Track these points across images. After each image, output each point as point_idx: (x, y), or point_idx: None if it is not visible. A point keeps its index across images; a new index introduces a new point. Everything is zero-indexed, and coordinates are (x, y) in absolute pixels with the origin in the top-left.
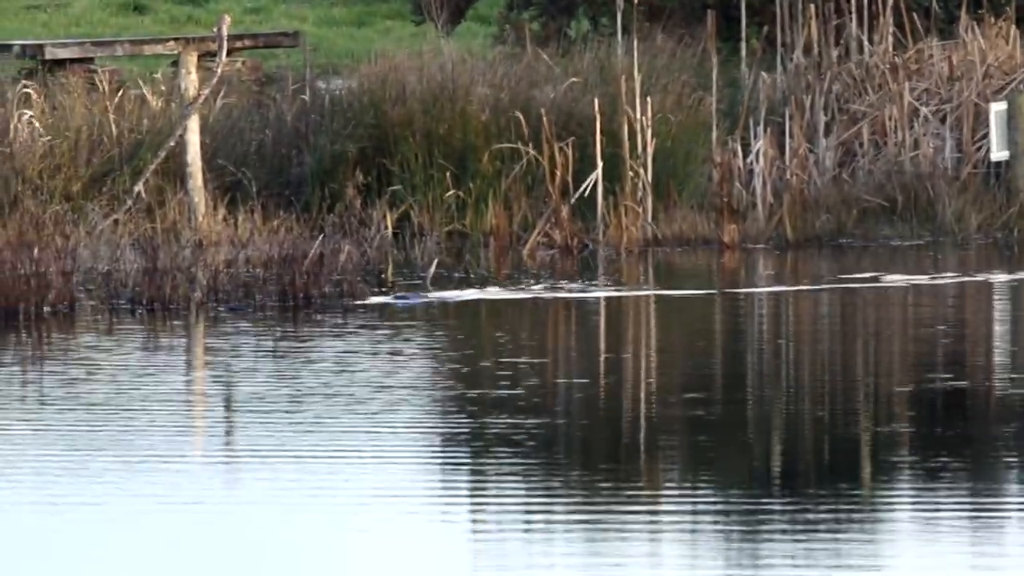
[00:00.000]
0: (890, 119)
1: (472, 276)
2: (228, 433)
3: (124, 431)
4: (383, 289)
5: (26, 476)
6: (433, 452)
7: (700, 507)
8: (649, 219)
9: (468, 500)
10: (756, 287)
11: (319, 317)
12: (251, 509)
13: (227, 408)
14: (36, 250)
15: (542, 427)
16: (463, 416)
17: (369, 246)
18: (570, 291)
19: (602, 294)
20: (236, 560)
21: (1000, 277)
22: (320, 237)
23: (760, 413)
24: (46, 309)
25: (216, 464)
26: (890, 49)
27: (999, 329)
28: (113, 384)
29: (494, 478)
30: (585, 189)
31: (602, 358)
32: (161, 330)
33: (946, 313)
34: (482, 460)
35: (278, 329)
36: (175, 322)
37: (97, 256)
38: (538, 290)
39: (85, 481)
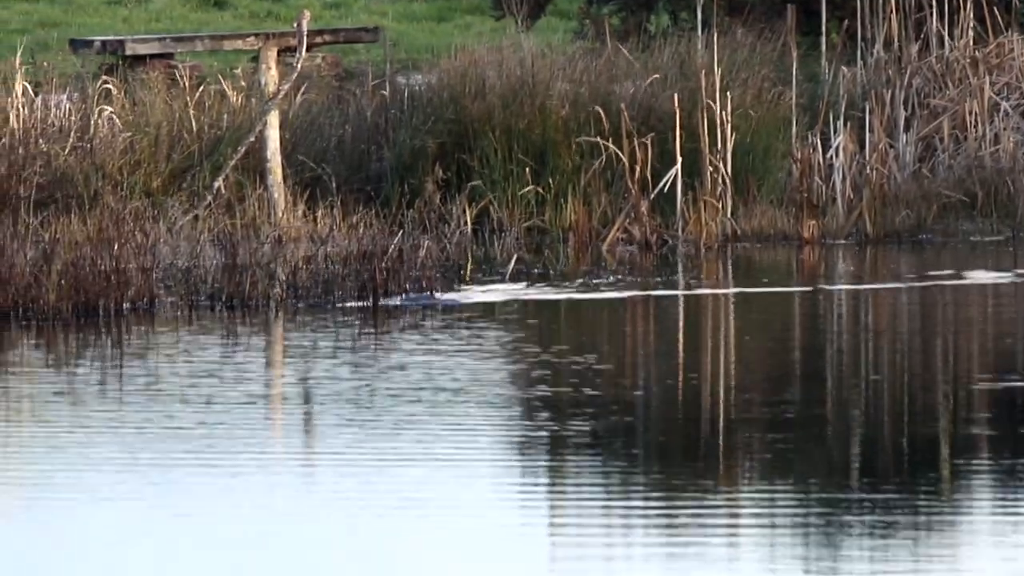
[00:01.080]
0: (970, 114)
1: (552, 272)
2: (307, 434)
3: (203, 429)
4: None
5: (105, 474)
6: (511, 451)
7: (779, 507)
8: (728, 215)
9: (547, 499)
10: (836, 283)
11: (398, 313)
12: (329, 510)
13: (306, 407)
14: (116, 246)
15: (621, 426)
16: (543, 415)
17: (448, 242)
18: (640, 288)
19: (673, 292)
20: (315, 563)
21: None
22: (399, 233)
23: (840, 412)
24: (126, 306)
25: (295, 467)
26: (971, 43)
27: None
28: (192, 382)
29: (573, 478)
30: (664, 184)
31: (680, 356)
32: (240, 327)
33: None
34: (561, 459)
35: (357, 326)
36: (254, 318)
37: (177, 252)
38: (607, 287)
39: (159, 482)
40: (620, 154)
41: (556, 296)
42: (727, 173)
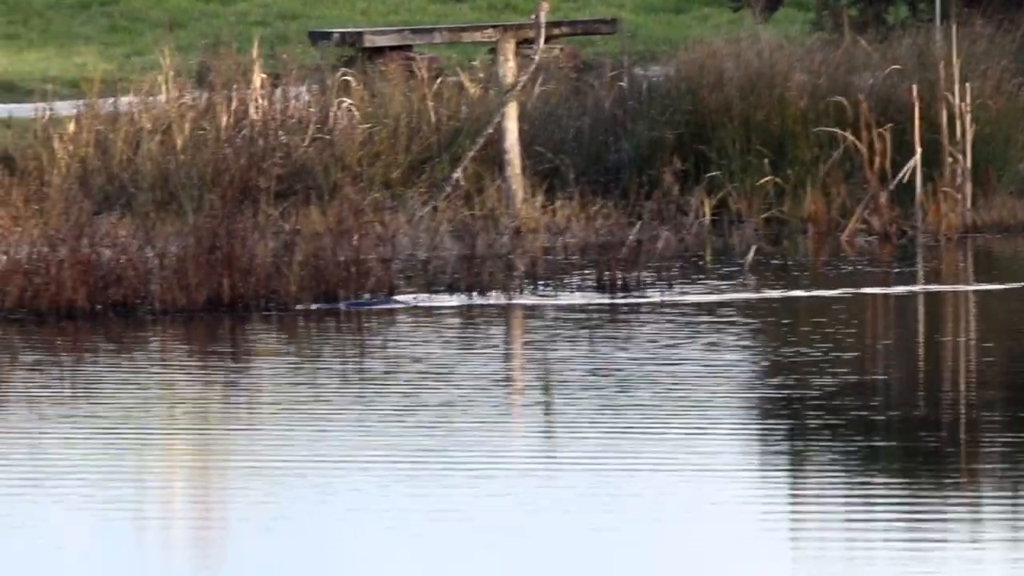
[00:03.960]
0: None
1: (790, 263)
2: (548, 433)
3: (441, 418)
4: (699, 277)
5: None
6: (750, 448)
7: (1022, 505)
8: (968, 205)
9: (788, 499)
10: None
11: (635, 304)
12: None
13: (546, 400)
14: (356, 237)
15: (861, 423)
16: (781, 411)
17: (687, 233)
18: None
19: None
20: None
21: None
22: (638, 224)
23: None
24: (365, 296)
25: (537, 466)
26: None
27: None
28: (431, 371)
29: (813, 474)
30: (904, 175)
31: (920, 351)
32: (479, 317)
33: None
34: (800, 458)
35: (595, 316)
36: (492, 309)
37: (416, 243)
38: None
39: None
40: (859, 145)
41: (789, 293)
42: (966, 164)
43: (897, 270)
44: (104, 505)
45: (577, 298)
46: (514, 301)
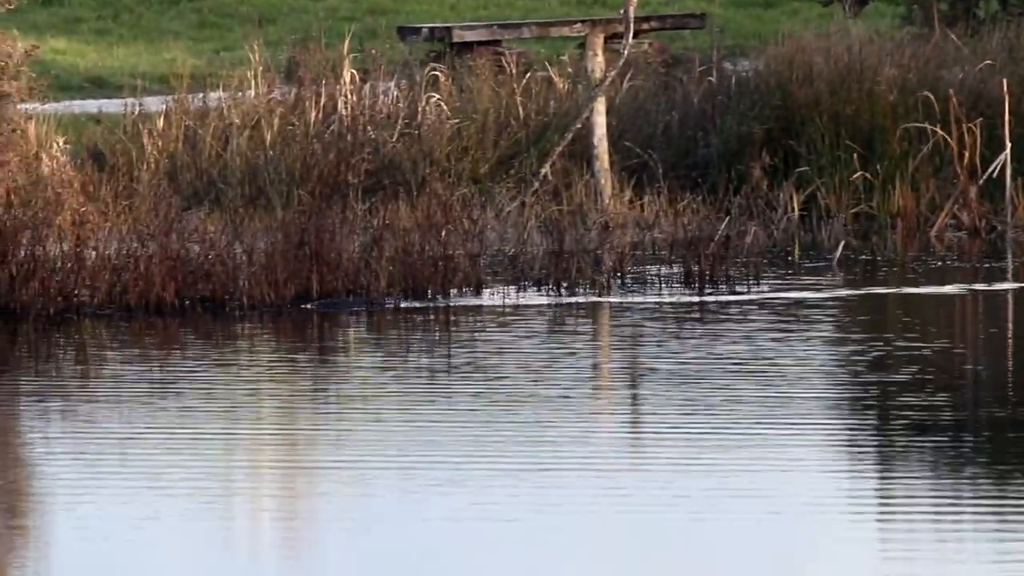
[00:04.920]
0: None
1: (879, 259)
2: (638, 431)
3: (532, 414)
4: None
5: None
6: (838, 445)
7: None
8: None
9: (876, 497)
10: None
11: (723, 300)
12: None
13: (632, 397)
14: (444, 232)
15: (950, 421)
16: (869, 408)
17: (776, 228)
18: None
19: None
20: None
21: None
22: (726, 219)
23: None
24: (452, 291)
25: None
26: None
27: None
28: (521, 366)
29: (901, 472)
30: (993, 170)
31: (1010, 348)
32: (567, 313)
33: None
34: (888, 453)
35: (682, 311)
36: (580, 305)
37: (504, 239)
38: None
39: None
40: (948, 140)
41: (877, 289)
42: None
43: (986, 266)
44: (192, 504)
45: (665, 295)
46: (602, 299)
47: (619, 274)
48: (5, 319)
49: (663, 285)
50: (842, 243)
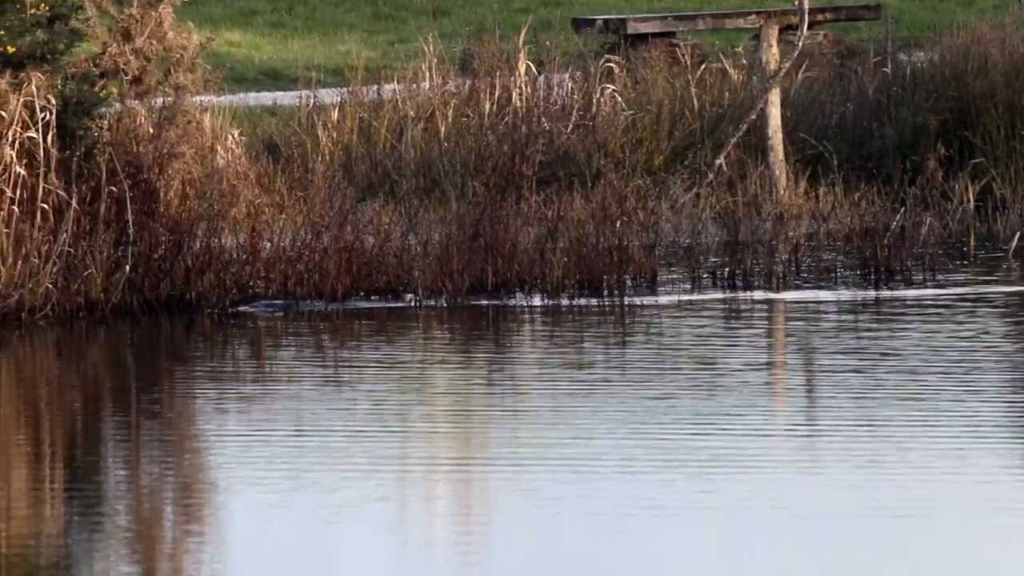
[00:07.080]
0: None
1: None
2: (813, 425)
3: (706, 409)
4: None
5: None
6: (1015, 445)
7: None
8: None
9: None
10: None
11: (899, 296)
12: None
13: (808, 392)
14: (619, 224)
15: None
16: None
17: (951, 219)
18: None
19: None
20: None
21: None
22: (901, 210)
23: None
24: (627, 282)
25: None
26: None
27: None
28: (696, 357)
29: None
30: None
31: None
32: (742, 305)
33: None
34: None
35: (860, 304)
36: (755, 296)
37: (678, 230)
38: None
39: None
40: None
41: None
42: None
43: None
44: (366, 493)
45: (840, 287)
46: (775, 295)
47: (794, 265)
48: (181, 310)
49: (838, 277)
50: (1018, 234)
